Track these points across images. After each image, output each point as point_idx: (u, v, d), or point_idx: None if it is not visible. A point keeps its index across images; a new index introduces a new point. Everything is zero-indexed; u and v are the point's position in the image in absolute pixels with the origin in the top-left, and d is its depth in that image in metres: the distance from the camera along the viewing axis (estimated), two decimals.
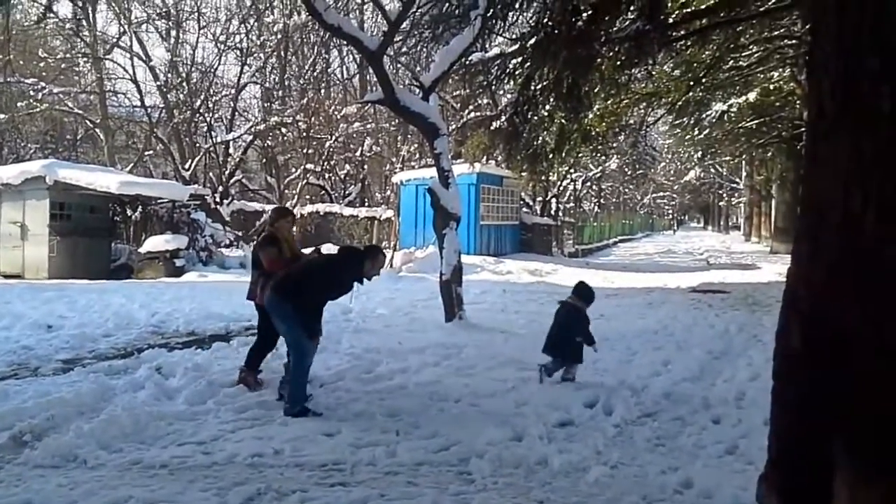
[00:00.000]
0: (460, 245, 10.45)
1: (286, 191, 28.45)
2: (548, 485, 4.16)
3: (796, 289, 1.68)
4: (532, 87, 9.92)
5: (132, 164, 28.61)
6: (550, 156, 12.53)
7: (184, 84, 26.48)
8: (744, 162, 36.14)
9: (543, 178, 25.59)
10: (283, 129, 27.69)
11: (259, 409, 5.57)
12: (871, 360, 1.40)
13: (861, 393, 1.43)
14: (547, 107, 10.50)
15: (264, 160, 32.84)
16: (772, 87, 18.15)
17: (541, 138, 11.63)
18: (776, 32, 14.06)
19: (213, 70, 27.96)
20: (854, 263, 1.42)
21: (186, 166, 25.83)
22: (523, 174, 17.76)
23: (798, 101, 18.74)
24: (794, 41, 14.08)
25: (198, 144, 27.51)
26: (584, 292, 6.74)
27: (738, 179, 47.06)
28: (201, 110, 26.18)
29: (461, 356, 7.73)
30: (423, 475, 4.29)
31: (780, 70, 17.37)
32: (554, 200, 30.17)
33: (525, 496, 3.98)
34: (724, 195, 60.82)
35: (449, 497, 3.94)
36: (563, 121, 11.16)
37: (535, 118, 10.58)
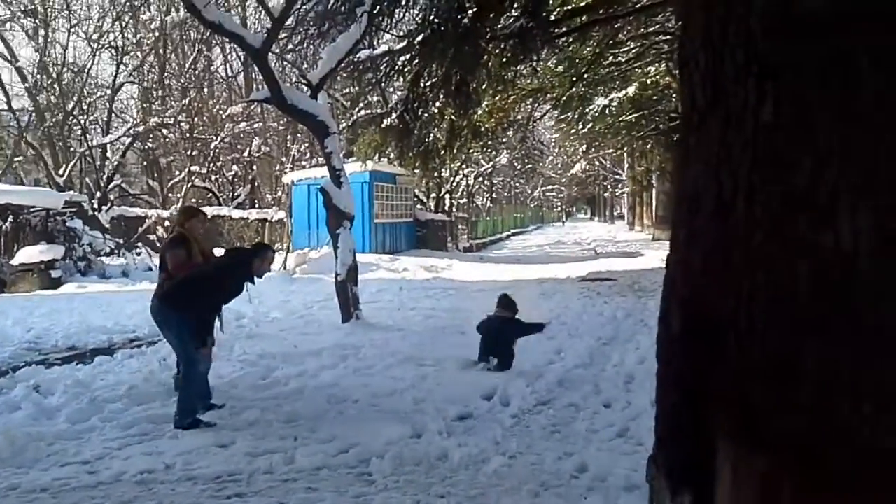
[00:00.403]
0: (355, 244, 10.38)
1: (170, 194, 27.40)
2: (448, 479, 4.19)
3: (675, 275, 1.72)
4: (421, 84, 9.94)
5: (0, 171, 26.80)
6: (442, 152, 12.60)
7: (55, 85, 25.01)
8: (625, 154, 37.50)
9: (436, 174, 25.70)
10: (165, 131, 26.67)
11: (147, 423, 5.32)
12: (744, 342, 1.45)
13: (735, 374, 1.48)
14: (437, 103, 10.56)
15: (145, 163, 31.49)
16: (649, 81, 18.86)
17: (432, 135, 11.68)
18: (652, 29, 14.62)
19: (86, 70, 26.50)
20: (726, 249, 1.47)
21: (60, 172, 24.43)
22: (416, 171, 17.76)
23: (674, 95, 19.60)
24: (668, 37, 14.68)
25: (72, 148, 26.08)
26: (508, 304, 7.23)
27: (620, 171, 48.80)
28: (75, 112, 24.82)
29: (359, 356, 7.66)
30: (323, 479, 4.22)
31: (657, 65, 18.08)
32: (447, 196, 30.41)
33: (426, 493, 3.98)
34: (609, 186, 62.93)
35: (349, 500, 3.90)
36: (453, 117, 11.24)
37: (426, 115, 10.61)
